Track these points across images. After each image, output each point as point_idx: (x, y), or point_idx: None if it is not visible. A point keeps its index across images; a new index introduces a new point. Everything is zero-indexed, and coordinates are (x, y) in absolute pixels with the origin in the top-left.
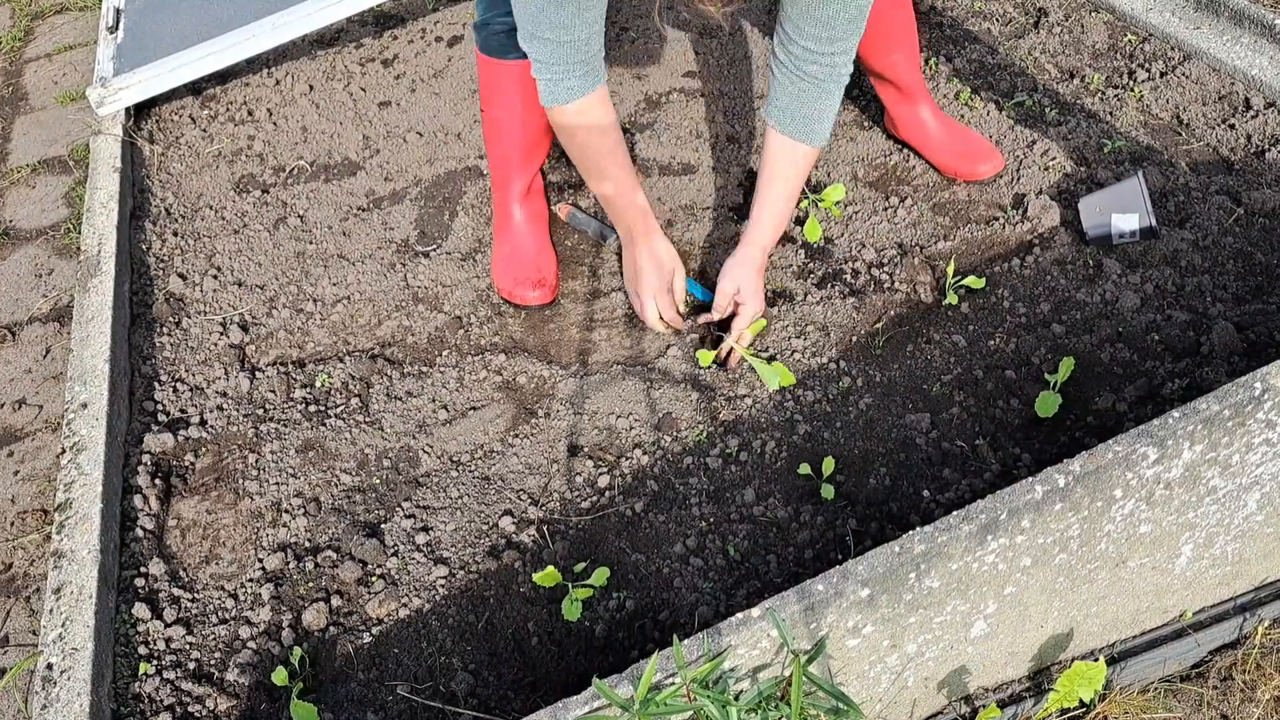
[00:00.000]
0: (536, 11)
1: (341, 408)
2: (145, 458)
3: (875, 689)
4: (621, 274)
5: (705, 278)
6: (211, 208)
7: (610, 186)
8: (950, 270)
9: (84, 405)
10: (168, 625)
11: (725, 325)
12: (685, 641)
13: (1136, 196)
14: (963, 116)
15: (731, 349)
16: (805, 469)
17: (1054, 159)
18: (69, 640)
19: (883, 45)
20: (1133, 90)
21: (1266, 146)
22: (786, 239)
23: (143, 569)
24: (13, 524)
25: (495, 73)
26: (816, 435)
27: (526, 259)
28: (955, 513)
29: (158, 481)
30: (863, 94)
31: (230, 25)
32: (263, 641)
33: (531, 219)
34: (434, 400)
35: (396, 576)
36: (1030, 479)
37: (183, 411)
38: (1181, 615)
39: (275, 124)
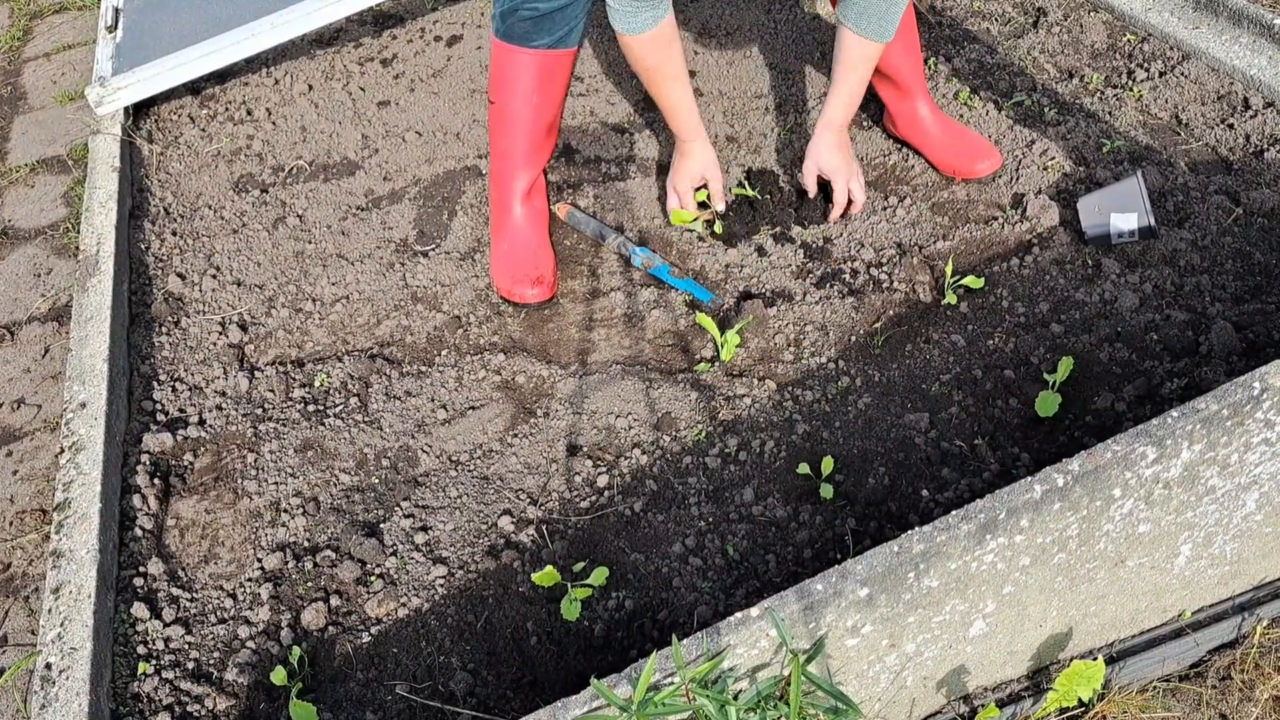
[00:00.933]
0: None
1: (340, 407)
2: (144, 457)
3: (874, 688)
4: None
5: (704, 277)
6: (210, 207)
7: (671, 99)
8: (949, 270)
9: (83, 405)
10: (166, 625)
11: (807, 216)
12: (684, 641)
13: (1135, 196)
14: (962, 116)
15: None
16: (804, 468)
17: (1053, 159)
18: (68, 640)
19: None
20: (1132, 90)
21: (1265, 146)
22: (785, 239)
23: (141, 569)
24: (11, 524)
25: (513, 61)
26: (815, 435)
27: (525, 256)
28: (954, 512)
29: (156, 481)
30: None
31: (229, 24)
32: (262, 641)
33: (532, 217)
34: (433, 400)
35: (395, 576)
36: (1029, 478)
37: (181, 411)
38: (1180, 615)
39: (274, 123)
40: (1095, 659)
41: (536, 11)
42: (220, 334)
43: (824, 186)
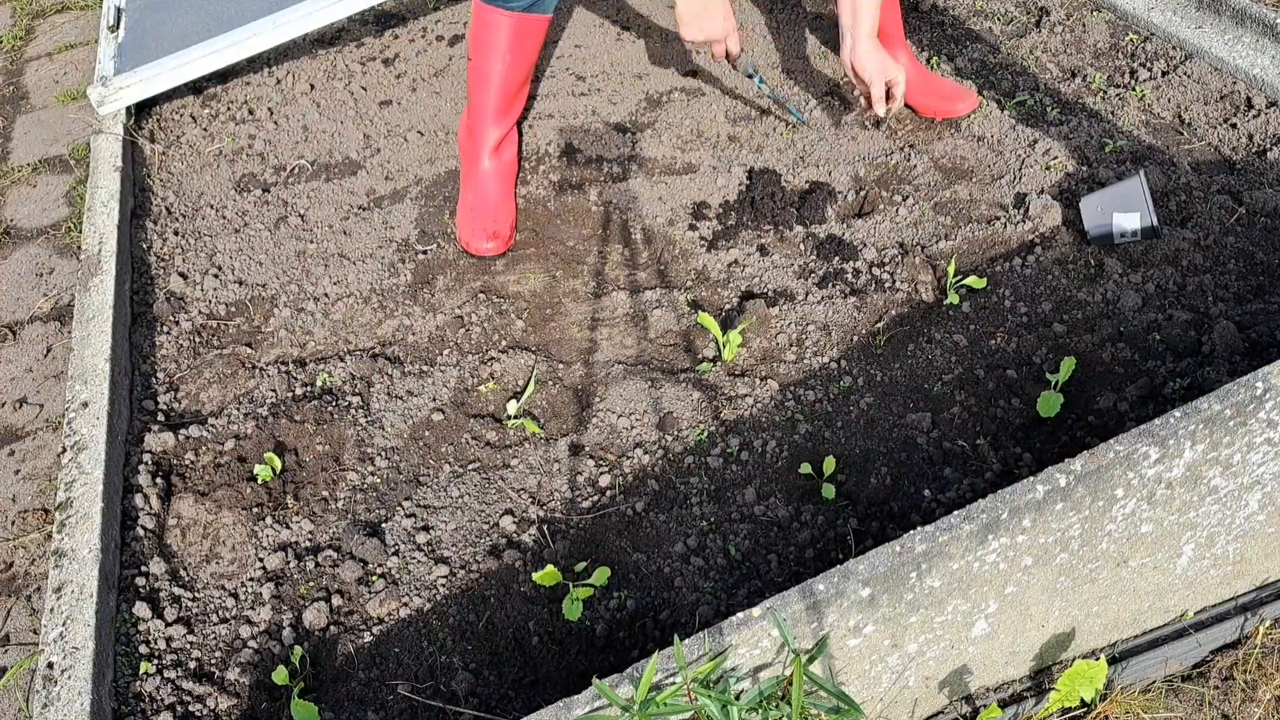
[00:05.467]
0: None
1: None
2: (146, 456)
3: (876, 688)
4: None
5: (705, 277)
6: (212, 207)
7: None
8: (951, 269)
9: (85, 404)
10: (168, 624)
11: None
12: (686, 641)
13: (1138, 196)
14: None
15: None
16: (806, 468)
17: (1055, 158)
18: (70, 639)
19: None
20: (1134, 89)
21: (1268, 146)
22: (784, 240)
23: (143, 568)
24: (13, 523)
25: (490, 21)
26: (817, 434)
27: (486, 211)
28: (956, 512)
29: (158, 480)
30: None
31: (231, 24)
32: (263, 641)
33: (498, 171)
34: (435, 399)
35: (397, 576)
36: (1031, 478)
37: (183, 410)
38: (1183, 615)
39: (276, 123)
40: (1098, 659)
41: None
42: (221, 333)
43: (816, 189)
